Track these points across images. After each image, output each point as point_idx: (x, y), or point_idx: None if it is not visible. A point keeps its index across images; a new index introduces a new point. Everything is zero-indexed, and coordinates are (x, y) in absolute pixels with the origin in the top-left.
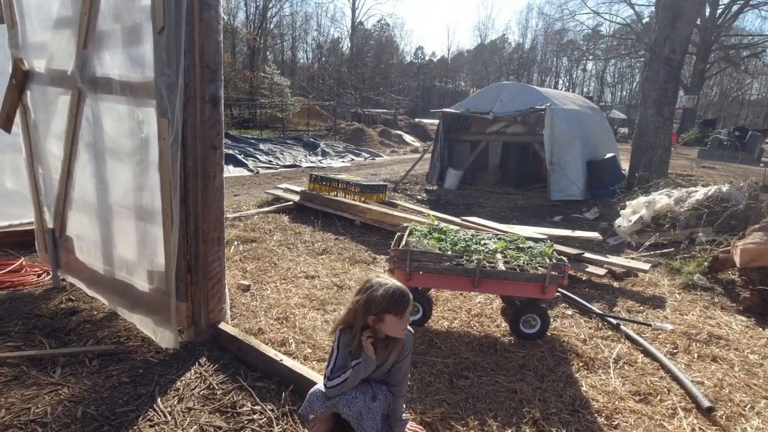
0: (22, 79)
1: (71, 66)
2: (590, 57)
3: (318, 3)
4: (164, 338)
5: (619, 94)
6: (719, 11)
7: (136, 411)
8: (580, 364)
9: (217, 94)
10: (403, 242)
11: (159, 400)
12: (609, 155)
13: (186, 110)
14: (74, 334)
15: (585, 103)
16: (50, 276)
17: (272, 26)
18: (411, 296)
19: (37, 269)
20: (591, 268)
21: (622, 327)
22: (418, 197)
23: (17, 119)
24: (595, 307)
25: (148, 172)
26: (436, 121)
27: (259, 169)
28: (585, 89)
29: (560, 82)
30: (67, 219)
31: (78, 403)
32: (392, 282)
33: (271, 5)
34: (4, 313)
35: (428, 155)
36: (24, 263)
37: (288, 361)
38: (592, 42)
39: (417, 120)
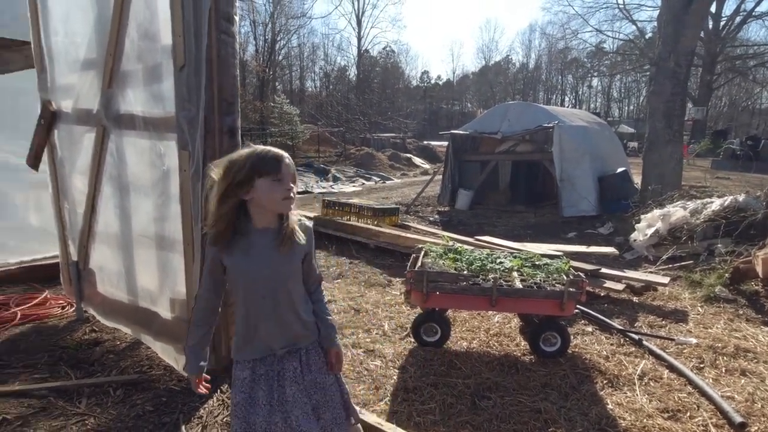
0: (50, 119)
1: (96, 105)
2: (595, 74)
3: (325, 34)
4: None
5: (626, 108)
6: (722, 23)
7: None
8: (604, 382)
9: (234, 125)
10: (419, 263)
11: (183, 428)
12: (620, 169)
13: (205, 142)
14: (98, 364)
15: (592, 119)
16: (74, 308)
17: (281, 57)
18: (284, 154)
19: (61, 301)
20: (609, 284)
21: (644, 342)
22: (431, 218)
23: (44, 157)
24: (616, 323)
25: (170, 203)
26: (445, 143)
27: None
28: (592, 105)
29: (566, 99)
30: (90, 251)
31: None
32: (242, 150)
33: (279, 38)
34: (30, 345)
35: (438, 177)
36: (48, 296)
37: None
38: (596, 59)
39: (425, 142)
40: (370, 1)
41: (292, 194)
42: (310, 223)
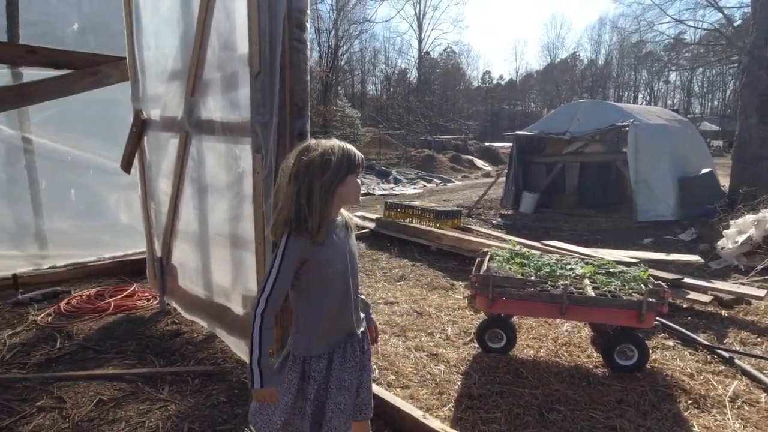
0: (140, 126)
1: (180, 112)
2: (673, 67)
3: (386, 37)
4: None
5: (709, 104)
6: None
7: (234, 430)
8: (689, 402)
9: (304, 129)
10: (484, 267)
11: None
12: (705, 170)
13: (277, 145)
14: (178, 354)
15: (672, 116)
16: (158, 300)
17: (343, 62)
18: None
19: (147, 294)
20: (693, 295)
21: (736, 361)
22: (493, 222)
23: (135, 162)
24: (702, 338)
25: (243, 204)
26: (508, 145)
27: None
28: (669, 102)
29: (640, 96)
30: (173, 248)
31: (184, 419)
32: (326, 142)
33: (342, 43)
34: (121, 333)
35: (502, 179)
36: (136, 289)
37: (373, 387)
38: (674, 52)
39: (487, 144)
40: (432, 2)
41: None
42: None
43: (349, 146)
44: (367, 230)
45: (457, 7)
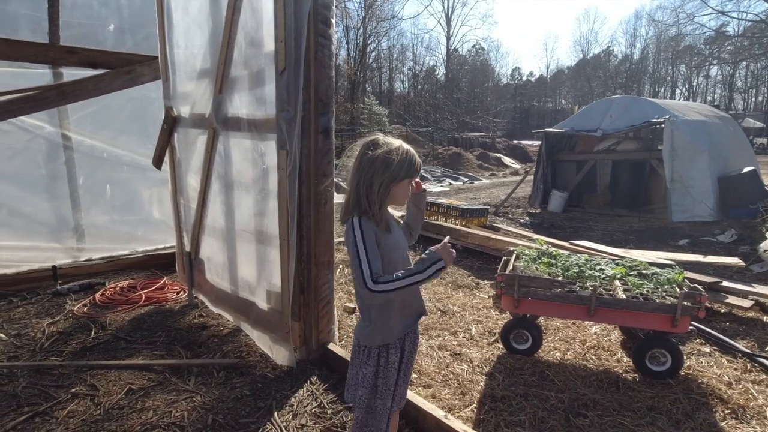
0: (171, 123)
1: (209, 109)
2: (714, 62)
3: (414, 34)
4: (279, 355)
5: (753, 99)
6: None
7: (256, 423)
8: (726, 412)
9: (328, 125)
10: (510, 267)
11: (276, 414)
12: (747, 169)
13: (302, 142)
14: (204, 347)
15: (712, 112)
16: (186, 294)
17: (371, 60)
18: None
19: (176, 287)
20: (732, 299)
21: None
22: (521, 221)
23: (166, 158)
24: (741, 345)
25: (268, 200)
26: (537, 142)
27: None
28: (709, 97)
29: (677, 91)
30: (201, 243)
31: (209, 410)
32: (393, 141)
33: (369, 41)
34: (151, 325)
35: (530, 177)
36: (166, 282)
37: None
38: (715, 45)
39: (516, 141)
40: None
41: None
42: None
43: (412, 151)
44: None
45: (486, 2)
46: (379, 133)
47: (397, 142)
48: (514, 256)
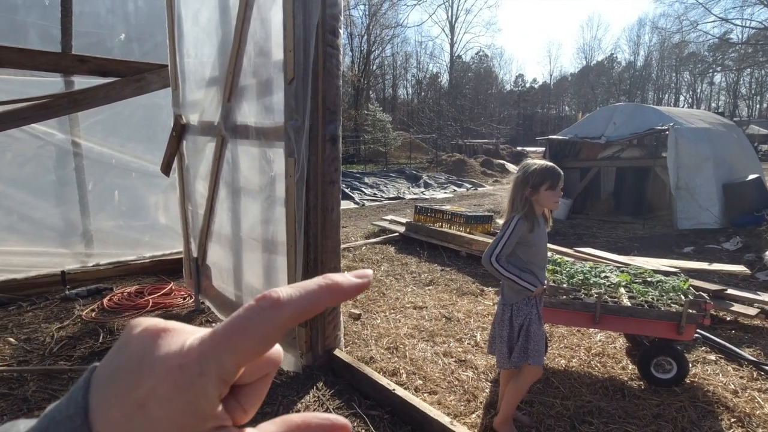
0: (180, 131)
1: (217, 117)
2: (718, 68)
3: (418, 41)
4: (286, 361)
5: (757, 106)
6: None
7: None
8: (732, 420)
9: (335, 133)
10: None
11: None
12: (752, 176)
13: (309, 149)
14: None
15: (716, 119)
16: (193, 299)
17: (375, 67)
18: (562, 173)
19: (183, 293)
20: (737, 307)
21: None
22: None
23: (174, 165)
24: (747, 353)
25: (275, 207)
26: (540, 149)
27: (364, 201)
28: (713, 104)
29: (681, 98)
30: (208, 249)
31: None
32: (537, 161)
33: (374, 48)
34: None
35: None
36: (173, 287)
37: (400, 392)
38: (719, 52)
39: (519, 148)
40: (464, 6)
41: (559, 199)
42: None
43: (550, 166)
44: (396, 234)
45: (489, 10)
46: (529, 158)
47: (539, 163)
48: None
